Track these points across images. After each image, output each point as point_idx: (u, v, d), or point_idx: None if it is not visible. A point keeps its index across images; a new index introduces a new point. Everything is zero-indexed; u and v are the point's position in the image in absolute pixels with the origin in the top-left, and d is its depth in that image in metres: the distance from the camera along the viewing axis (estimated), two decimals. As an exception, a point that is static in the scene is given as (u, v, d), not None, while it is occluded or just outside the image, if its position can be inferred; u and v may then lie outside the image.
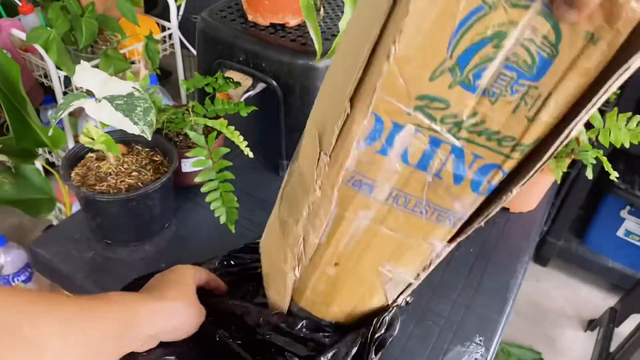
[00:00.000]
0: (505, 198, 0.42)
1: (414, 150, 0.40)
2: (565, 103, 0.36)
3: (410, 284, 0.53)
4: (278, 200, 0.57)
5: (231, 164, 0.74)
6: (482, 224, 0.46)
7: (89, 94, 0.69)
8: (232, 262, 0.68)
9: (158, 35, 1.49)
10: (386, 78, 0.36)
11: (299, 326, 0.57)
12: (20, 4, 1.32)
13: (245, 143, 0.76)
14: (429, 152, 0.40)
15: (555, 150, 0.37)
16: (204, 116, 0.86)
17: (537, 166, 0.39)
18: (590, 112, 0.34)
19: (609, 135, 0.81)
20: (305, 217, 0.48)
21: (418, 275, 0.52)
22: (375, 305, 0.56)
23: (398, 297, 0.55)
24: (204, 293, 0.59)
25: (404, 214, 0.45)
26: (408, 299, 0.61)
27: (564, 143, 0.37)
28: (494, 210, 0.43)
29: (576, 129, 0.36)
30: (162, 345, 0.53)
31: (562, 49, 0.33)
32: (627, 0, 0.30)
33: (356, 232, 0.47)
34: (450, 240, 0.48)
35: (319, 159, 0.43)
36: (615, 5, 0.30)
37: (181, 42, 1.59)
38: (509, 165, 0.40)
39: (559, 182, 0.85)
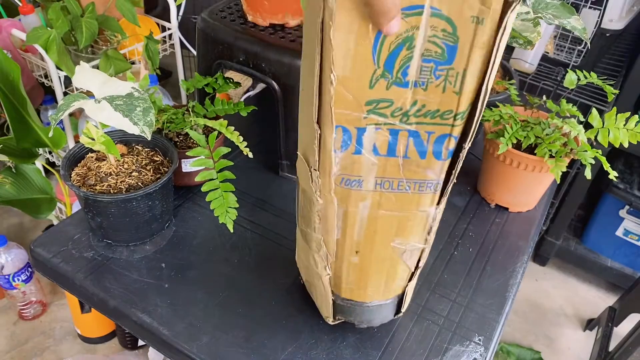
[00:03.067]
0: (463, 155, 0.50)
1: (381, 143, 0.49)
2: (477, 72, 0.44)
3: (423, 249, 0.60)
4: (297, 217, 0.65)
5: (232, 163, 0.75)
6: (455, 180, 0.53)
7: (89, 94, 0.69)
8: None
9: (158, 36, 1.49)
10: (337, 97, 0.45)
11: None
12: (20, 4, 1.33)
13: (245, 143, 0.77)
14: (392, 141, 0.49)
15: (483, 104, 0.46)
16: (204, 116, 0.86)
17: (476, 122, 0.48)
18: (494, 68, 0.44)
19: (608, 135, 0.82)
20: (318, 223, 0.56)
21: (426, 240, 0.59)
22: (402, 275, 0.63)
23: (418, 262, 0.62)
24: None
25: (393, 194, 0.53)
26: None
27: (487, 97, 0.46)
28: (459, 166, 0.52)
29: (490, 83, 0.45)
30: None
31: (461, 35, 0.42)
32: None
33: (362, 221, 0.55)
34: (438, 203, 0.55)
35: (310, 174, 0.52)
36: None
37: (181, 42, 1.59)
38: (456, 132, 0.49)
39: (558, 181, 0.86)
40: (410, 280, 0.64)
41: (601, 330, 1.54)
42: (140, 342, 1.47)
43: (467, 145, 0.50)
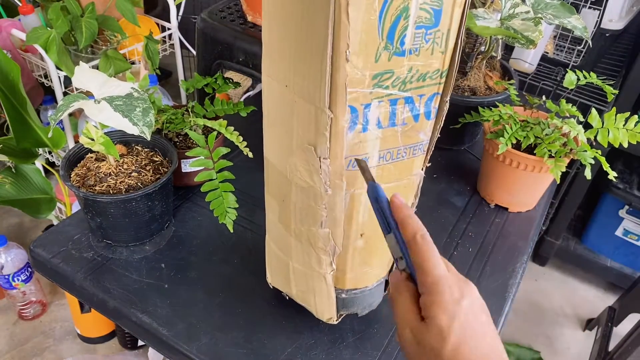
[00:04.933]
0: (446, 108, 0.54)
1: (383, 116, 0.51)
2: (457, 30, 0.50)
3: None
4: (280, 234, 0.64)
5: (231, 164, 0.75)
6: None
7: (89, 94, 0.69)
8: None
9: (158, 36, 1.49)
10: (349, 75, 0.46)
11: None
12: (20, 4, 1.33)
13: (245, 143, 0.77)
14: (392, 111, 0.51)
15: (459, 56, 0.51)
16: (204, 116, 0.86)
17: (454, 74, 0.53)
18: (464, 22, 0.49)
19: (608, 135, 0.82)
20: (325, 217, 0.56)
21: (412, 203, 0.63)
22: None
23: None
24: None
25: (393, 165, 0.55)
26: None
27: (460, 53, 0.51)
28: (441, 124, 0.56)
29: (463, 35, 0.50)
30: None
31: None
32: None
33: (367, 201, 0.54)
34: (424, 164, 0.59)
35: (320, 166, 0.52)
36: None
37: (181, 42, 1.59)
38: (441, 89, 0.53)
39: (557, 181, 0.86)
40: None
41: (601, 330, 1.54)
42: (140, 342, 1.47)
43: (448, 98, 0.54)
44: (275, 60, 0.52)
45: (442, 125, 0.56)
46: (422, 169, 0.59)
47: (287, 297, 0.71)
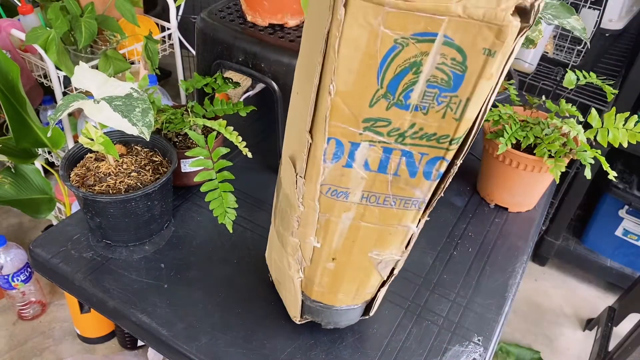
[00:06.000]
0: (451, 176, 0.51)
1: (373, 160, 0.48)
2: (480, 102, 0.45)
3: (398, 260, 0.61)
4: (273, 216, 0.65)
5: (231, 164, 0.75)
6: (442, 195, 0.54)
7: (88, 94, 0.69)
8: None
9: (157, 36, 1.49)
10: (334, 109, 0.44)
11: None
12: (19, 4, 1.33)
13: (244, 143, 0.77)
14: (385, 158, 0.48)
15: (478, 130, 0.47)
16: (203, 116, 0.86)
17: (469, 146, 0.49)
18: (494, 95, 0.45)
19: (607, 134, 0.82)
20: (296, 228, 0.56)
21: (402, 252, 0.60)
22: (373, 283, 0.64)
23: (392, 272, 0.63)
24: None
25: (378, 208, 0.53)
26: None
27: (482, 123, 0.48)
28: (445, 187, 0.53)
29: (488, 110, 0.46)
30: None
31: (469, 65, 0.42)
32: (509, 21, 0.38)
33: (343, 230, 0.55)
34: (420, 220, 0.56)
35: (296, 181, 0.52)
36: (502, 26, 0.39)
37: (180, 42, 1.59)
38: (450, 155, 0.49)
39: (557, 181, 0.86)
40: (381, 288, 0.65)
41: (600, 330, 1.54)
42: (140, 342, 1.47)
43: (456, 168, 0.50)
44: (299, 67, 0.51)
45: (447, 186, 0.52)
46: (416, 225, 0.56)
47: (270, 279, 0.74)
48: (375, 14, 0.38)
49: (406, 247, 0.59)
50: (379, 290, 0.65)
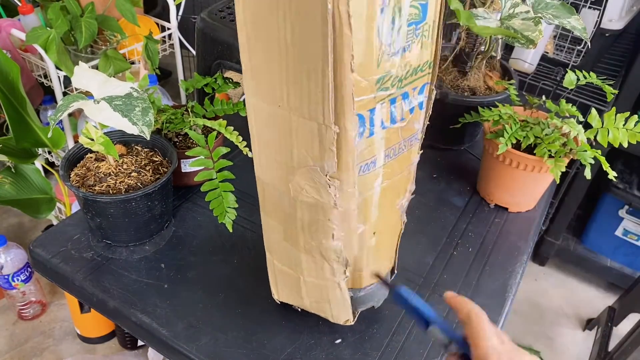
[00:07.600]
0: (433, 95, 0.56)
1: (385, 116, 0.52)
2: (439, 19, 0.51)
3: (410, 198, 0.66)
4: (287, 252, 0.64)
5: (231, 163, 0.75)
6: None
7: (88, 94, 0.69)
8: None
9: (157, 36, 1.49)
10: (354, 85, 0.46)
11: None
12: (20, 4, 1.33)
13: (245, 143, 0.77)
14: (393, 109, 0.53)
15: (440, 40, 0.53)
16: (203, 116, 0.86)
17: (438, 59, 0.54)
18: (443, 7, 0.51)
19: (607, 134, 0.82)
20: (335, 229, 0.56)
21: (412, 186, 0.64)
22: (399, 233, 0.68)
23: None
24: None
25: (396, 160, 0.57)
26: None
27: (441, 36, 0.53)
28: (431, 107, 0.58)
29: (442, 20, 0.52)
30: None
31: None
32: None
33: (376, 200, 0.58)
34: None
35: (327, 182, 0.52)
36: None
37: (180, 42, 1.59)
38: (433, 78, 0.55)
39: (557, 181, 0.86)
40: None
41: (600, 330, 1.54)
42: (140, 342, 1.47)
43: (434, 85, 0.56)
44: (263, 82, 0.51)
45: (430, 112, 0.58)
46: (418, 154, 0.61)
47: (299, 309, 0.71)
48: None
49: (412, 182, 0.63)
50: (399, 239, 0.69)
